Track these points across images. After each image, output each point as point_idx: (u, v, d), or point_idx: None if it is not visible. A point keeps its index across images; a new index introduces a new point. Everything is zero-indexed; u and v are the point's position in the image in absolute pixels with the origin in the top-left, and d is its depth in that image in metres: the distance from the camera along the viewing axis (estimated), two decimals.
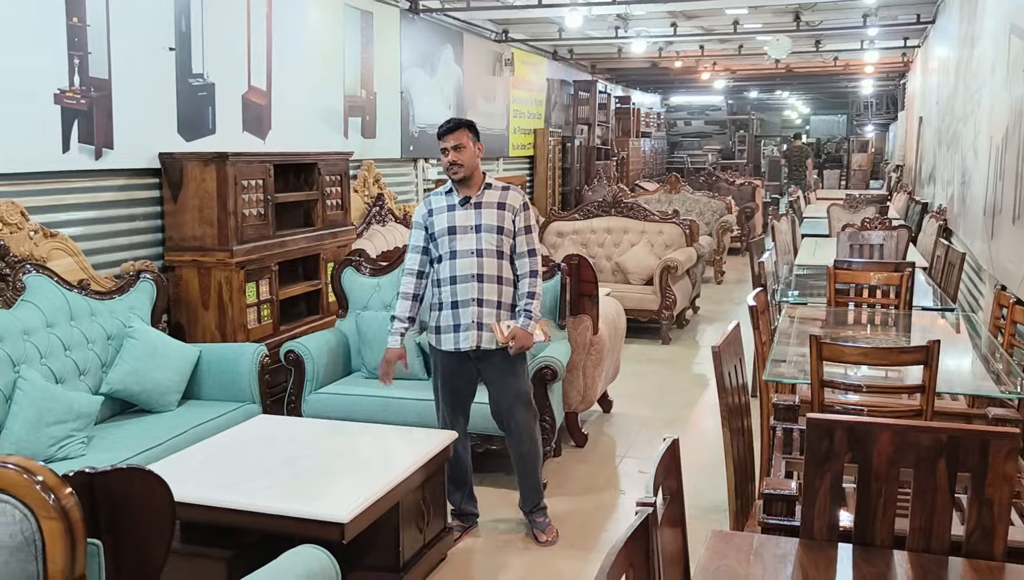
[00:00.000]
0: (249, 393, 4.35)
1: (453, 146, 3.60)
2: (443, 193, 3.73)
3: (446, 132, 3.63)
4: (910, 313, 4.79)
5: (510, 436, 3.81)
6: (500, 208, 3.66)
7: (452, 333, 3.67)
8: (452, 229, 3.64)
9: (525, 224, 3.73)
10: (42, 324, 3.90)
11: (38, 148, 4.25)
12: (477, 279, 3.62)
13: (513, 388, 3.75)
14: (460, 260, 3.63)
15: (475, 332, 3.64)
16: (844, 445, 2.01)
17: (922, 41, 11.29)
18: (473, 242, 3.63)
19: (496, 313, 3.65)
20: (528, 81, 11.86)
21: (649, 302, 7.67)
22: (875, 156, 23.40)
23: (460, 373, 3.77)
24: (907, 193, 11.54)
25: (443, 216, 3.66)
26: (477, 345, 3.65)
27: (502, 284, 3.67)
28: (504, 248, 3.67)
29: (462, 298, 3.63)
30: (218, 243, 4.86)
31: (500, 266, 3.66)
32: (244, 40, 5.74)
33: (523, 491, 3.88)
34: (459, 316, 3.65)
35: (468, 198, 3.65)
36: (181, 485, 3.13)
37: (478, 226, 3.63)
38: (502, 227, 3.65)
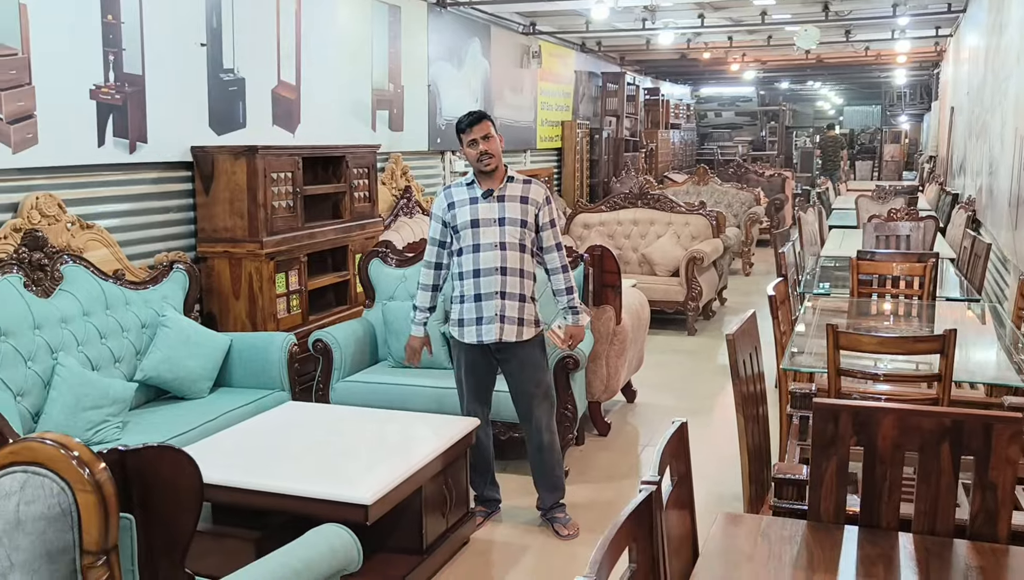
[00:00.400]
0: (279, 381, 4.46)
1: (483, 136, 3.61)
2: (464, 185, 3.74)
3: (471, 123, 3.63)
4: (933, 303, 4.79)
5: (528, 428, 3.85)
6: (523, 201, 3.69)
7: (475, 326, 3.70)
8: (475, 222, 3.66)
9: (549, 218, 3.75)
10: (79, 313, 4.03)
11: (75, 142, 4.38)
12: (500, 272, 3.65)
13: (534, 379, 3.80)
14: (484, 253, 3.65)
15: (498, 325, 3.67)
16: (849, 429, 2.05)
17: (954, 30, 11.17)
18: (496, 235, 3.65)
19: (519, 305, 3.69)
20: (556, 73, 11.89)
21: (675, 293, 7.69)
22: (909, 147, 23.13)
23: (481, 364, 3.82)
24: (938, 184, 11.43)
25: (466, 209, 3.68)
26: (499, 338, 3.69)
27: (524, 277, 3.70)
28: (526, 241, 3.70)
29: (485, 291, 3.67)
30: (248, 234, 4.97)
31: (522, 259, 3.69)
32: (274, 35, 5.85)
33: (540, 489, 3.91)
34: (482, 309, 3.68)
35: (491, 191, 3.67)
36: (211, 468, 3.24)
37: (501, 219, 3.65)
38: (525, 221, 3.68)
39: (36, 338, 3.78)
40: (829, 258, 6.66)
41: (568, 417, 4.40)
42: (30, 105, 4.12)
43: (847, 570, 1.95)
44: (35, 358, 3.74)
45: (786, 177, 14.33)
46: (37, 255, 3.93)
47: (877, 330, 4.30)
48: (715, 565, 1.93)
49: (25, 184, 4.18)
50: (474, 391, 3.87)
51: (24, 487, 1.64)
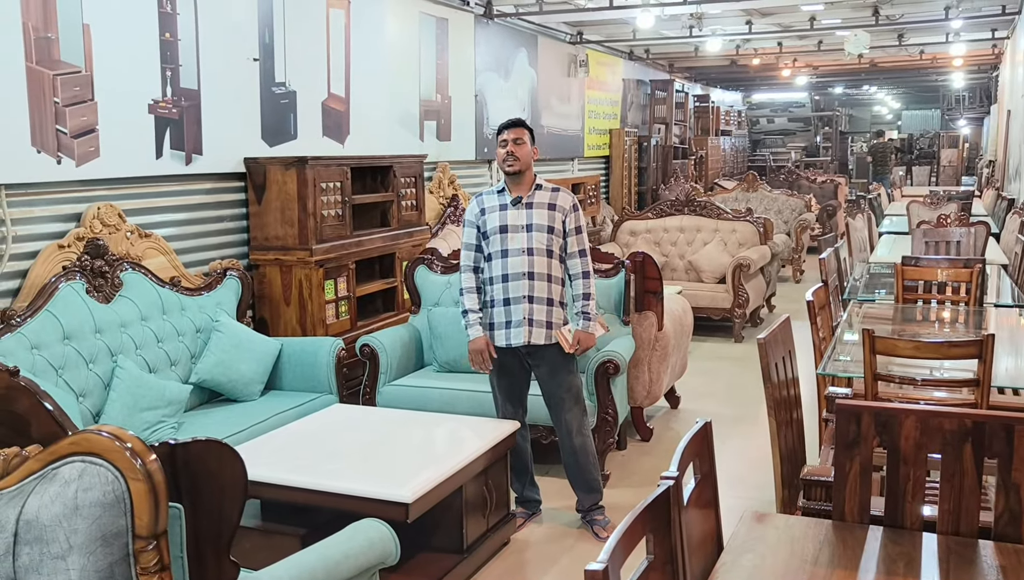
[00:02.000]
0: (327, 384, 4.60)
1: (514, 139, 3.75)
2: (495, 192, 3.87)
3: (507, 126, 3.79)
4: (981, 310, 4.74)
5: (560, 431, 3.93)
6: (551, 209, 3.79)
7: (504, 329, 3.81)
8: (504, 228, 3.78)
9: (576, 225, 3.85)
10: (137, 318, 4.21)
11: (134, 155, 4.58)
12: (528, 277, 3.75)
13: (564, 383, 3.87)
14: (512, 258, 3.77)
15: (527, 328, 3.77)
16: (872, 429, 2.09)
17: (1011, 32, 10.95)
18: (524, 241, 3.76)
19: (547, 309, 3.78)
20: (603, 82, 11.94)
21: (722, 300, 7.69)
22: (970, 151, 22.65)
23: (513, 367, 3.92)
24: (995, 189, 11.21)
25: (495, 215, 3.80)
26: (528, 341, 3.78)
27: (552, 281, 3.80)
28: (554, 247, 3.80)
29: (514, 295, 3.77)
30: (299, 242, 5.12)
31: (550, 265, 3.79)
32: (324, 50, 6.02)
33: (577, 491, 3.98)
34: (511, 313, 3.78)
35: (520, 198, 3.79)
36: (260, 466, 3.38)
37: (529, 225, 3.77)
38: (552, 227, 3.78)
39: (97, 342, 3.96)
40: (879, 264, 6.60)
41: (609, 422, 4.45)
42: (93, 120, 4.31)
43: (869, 568, 1.98)
44: (96, 361, 3.93)
45: (839, 183, 14.17)
46: (98, 262, 4.12)
47: (920, 337, 4.28)
48: (738, 560, 1.98)
49: (87, 195, 4.38)
50: (507, 393, 3.96)
51: (82, 475, 1.76)
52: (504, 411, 3.98)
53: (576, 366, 3.96)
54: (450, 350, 4.87)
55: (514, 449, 3.91)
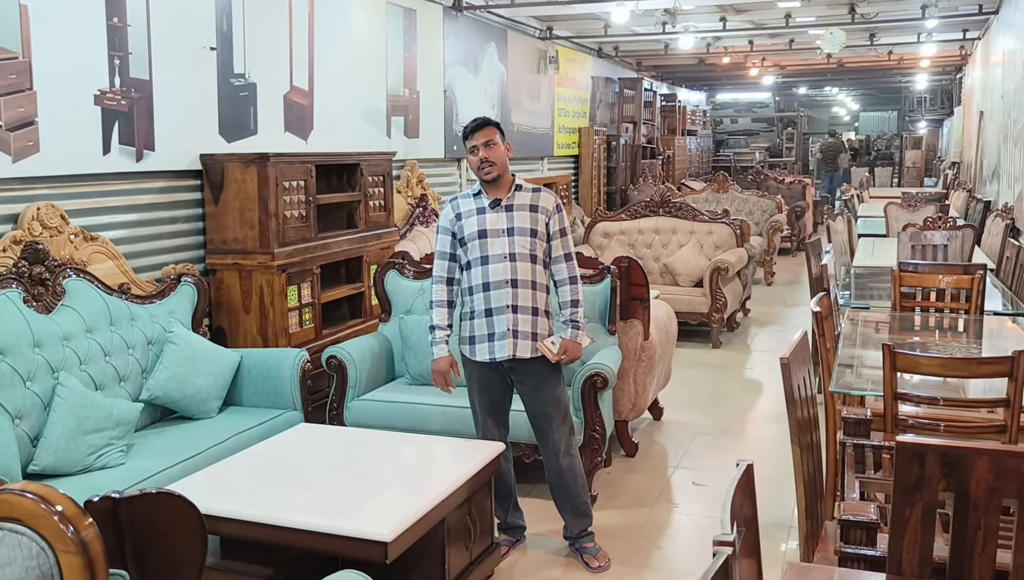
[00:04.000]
0: (291, 400, 4.25)
1: (484, 143, 3.42)
2: (471, 196, 3.55)
3: (474, 129, 3.45)
4: (981, 318, 4.54)
5: (546, 451, 3.62)
6: (533, 210, 3.49)
7: (487, 342, 3.49)
8: (483, 233, 3.46)
9: (560, 227, 3.54)
10: (82, 329, 3.83)
11: (78, 150, 4.18)
12: (511, 285, 3.44)
13: (551, 399, 3.56)
14: (492, 265, 3.45)
15: (511, 341, 3.46)
16: (937, 471, 1.81)
17: (983, 33, 10.88)
18: (505, 246, 3.45)
19: (532, 320, 3.47)
20: (573, 79, 11.67)
21: (699, 304, 7.45)
22: (928, 153, 22.80)
23: (495, 383, 3.60)
24: (966, 191, 11.14)
25: (473, 220, 3.48)
26: (513, 354, 3.47)
27: (536, 289, 3.49)
28: (537, 252, 3.49)
29: (496, 305, 3.46)
30: (259, 245, 4.76)
31: (534, 271, 3.48)
32: (286, 40, 5.65)
33: (566, 516, 3.67)
34: (493, 324, 3.47)
35: (499, 200, 3.47)
36: (219, 499, 3.04)
37: (510, 229, 3.45)
38: (535, 230, 3.48)
39: (36, 357, 3.57)
40: (861, 269, 6.41)
41: (596, 439, 4.16)
42: (31, 111, 3.92)
43: None
44: (35, 378, 3.54)
45: (806, 184, 14.07)
46: (38, 269, 3.73)
47: (925, 347, 4.06)
48: None
49: (26, 194, 3.98)
50: (488, 411, 3.64)
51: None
52: (485, 430, 3.67)
53: (564, 380, 3.65)
54: (423, 361, 4.54)
55: (496, 472, 3.60)
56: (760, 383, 6.49)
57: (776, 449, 4.98)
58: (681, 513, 4.19)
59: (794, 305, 9.37)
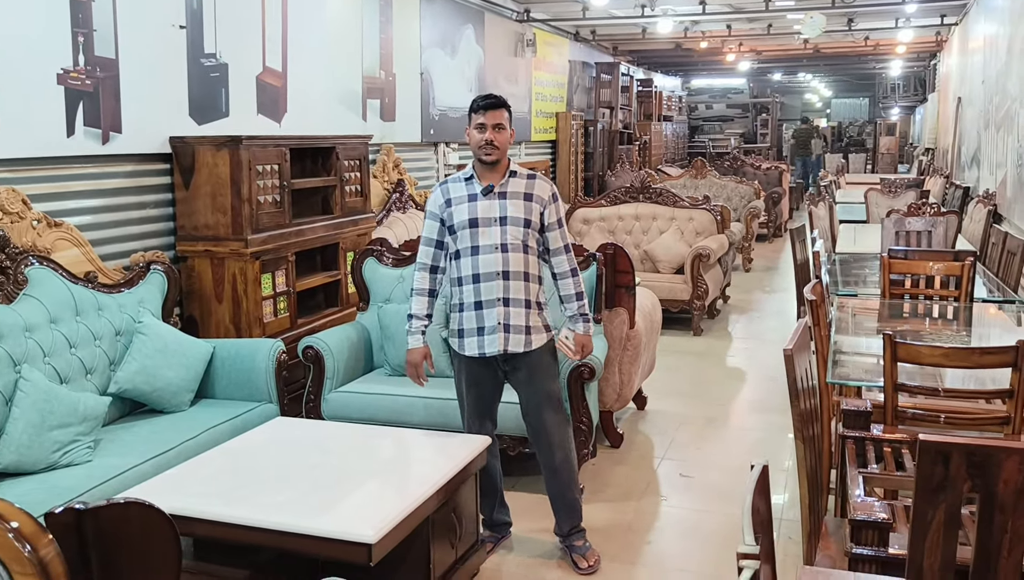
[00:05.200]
0: (266, 392, 4.09)
1: (495, 124, 3.25)
2: (462, 180, 3.37)
3: (489, 107, 3.26)
4: (971, 305, 4.47)
5: (539, 444, 3.48)
6: (527, 199, 3.31)
7: (476, 337, 3.33)
8: (474, 221, 3.29)
9: (557, 217, 3.38)
10: (45, 320, 3.64)
11: (40, 132, 3.98)
12: (503, 277, 3.28)
13: (544, 390, 3.42)
14: (483, 256, 3.29)
15: (501, 334, 3.30)
16: (962, 472, 1.71)
17: (960, 18, 10.87)
18: (497, 236, 3.28)
19: (524, 313, 3.32)
20: (550, 63, 11.52)
21: (680, 292, 7.36)
22: (900, 139, 22.91)
23: (485, 377, 3.45)
24: (943, 177, 11.15)
25: (463, 207, 3.31)
26: (504, 349, 3.32)
27: (529, 280, 3.33)
28: (531, 242, 3.33)
29: (486, 298, 3.30)
30: (232, 232, 4.59)
31: (527, 262, 3.32)
32: (259, 18, 5.45)
33: (557, 512, 3.53)
34: (483, 317, 3.31)
35: (491, 187, 3.30)
36: (192, 498, 2.89)
37: (503, 218, 3.28)
38: (529, 220, 3.30)
39: None
40: (845, 255, 6.34)
41: (583, 430, 4.05)
42: None
43: None
44: None
45: (783, 170, 14.03)
46: None
47: (918, 335, 3.98)
48: None
49: None
50: (476, 406, 3.49)
51: None
52: (471, 425, 3.53)
53: (558, 371, 3.52)
54: (402, 351, 4.36)
55: (482, 467, 3.48)
56: (742, 371, 6.42)
57: (762, 438, 4.91)
58: (669, 506, 4.10)
59: (773, 291, 9.32)
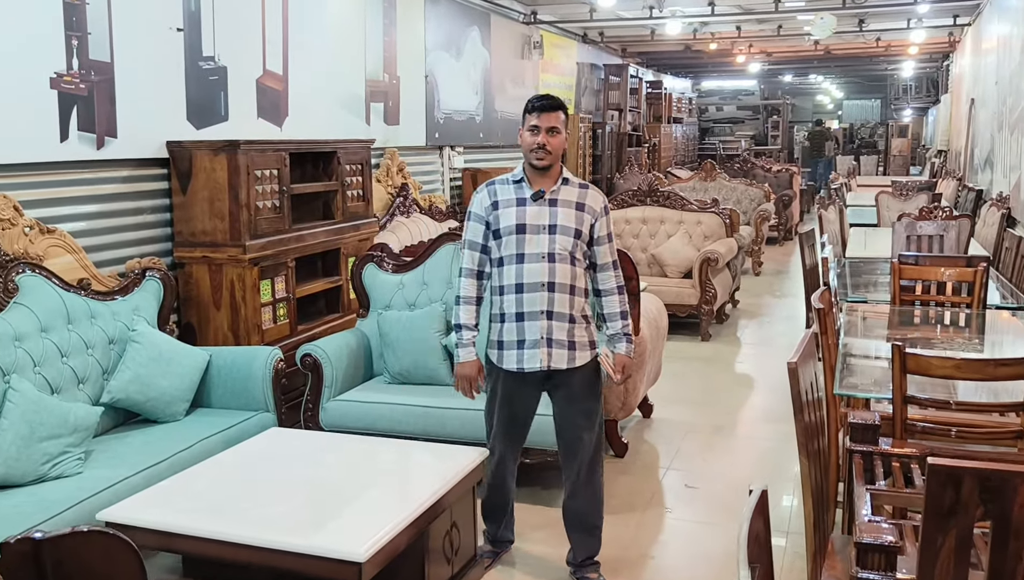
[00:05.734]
0: (263, 401, 4.02)
1: (549, 128, 3.09)
2: (510, 182, 3.18)
3: (543, 108, 3.10)
4: (983, 312, 4.36)
5: (568, 463, 3.28)
6: (579, 209, 3.13)
7: (515, 350, 3.14)
8: (521, 227, 3.10)
9: (608, 231, 3.20)
10: (36, 329, 3.58)
11: (33, 137, 3.92)
12: (548, 288, 3.09)
13: (583, 410, 3.23)
14: (529, 265, 3.10)
15: (544, 350, 3.11)
16: (974, 496, 1.61)
17: (974, 18, 10.72)
18: (545, 244, 3.09)
19: (568, 327, 3.13)
20: (558, 65, 11.44)
21: (688, 296, 7.26)
22: (913, 141, 22.72)
23: (521, 396, 3.25)
24: (956, 179, 11.00)
25: (511, 211, 3.12)
26: (547, 365, 3.12)
27: (575, 294, 3.14)
28: (579, 254, 3.14)
29: (529, 310, 3.11)
30: (230, 238, 4.52)
31: (574, 273, 3.13)
32: (259, 21, 5.39)
33: (575, 537, 3.32)
34: (524, 330, 3.11)
35: (542, 192, 3.11)
36: (181, 513, 2.82)
37: (552, 227, 3.09)
38: (580, 230, 3.12)
39: None
40: (855, 260, 6.23)
41: None
42: None
43: None
44: None
45: (793, 172, 13.90)
46: None
47: (929, 343, 3.88)
48: None
49: None
50: (505, 426, 3.28)
51: None
52: (494, 442, 3.31)
53: (601, 391, 3.30)
54: (402, 358, 4.33)
55: (499, 487, 3.33)
56: (751, 378, 6.32)
57: (770, 448, 4.80)
58: (673, 518, 4.00)
59: (783, 296, 9.21)
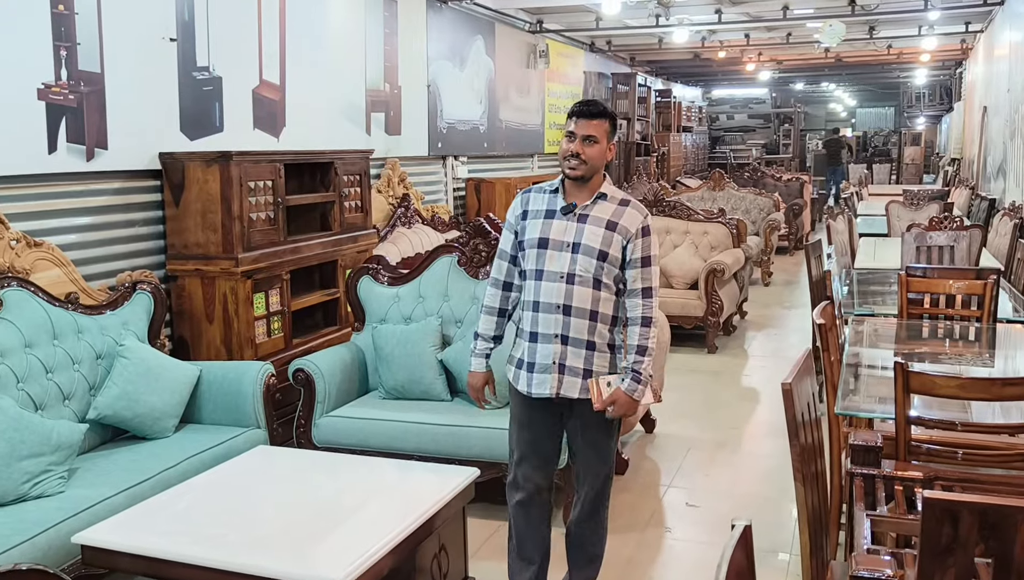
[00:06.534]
0: (253, 417, 3.94)
1: (586, 136, 2.81)
2: (547, 192, 2.95)
3: (581, 114, 2.84)
4: (994, 326, 4.24)
5: (578, 494, 3.07)
6: (610, 228, 2.84)
7: (525, 372, 2.92)
8: (544, 242, 2.87)
9: (643, 254, 2.87)
10: (19, 344, 3.51)
11: (19, 149, 3.87)
12: (563, 311, 2.84)
13: (594, 443, 2.98)
14: (546, 283, 2.86)
15: (555, 375, 2.87)
16: (974, 533, 1.51)
17: (986, 25, 10.59)
18: (565, 264, 2.84)
19: (585, 354, 2.87)
20: (564, 74, 11.37)
21: (694, 308, 7.15)
22: (926, 148, 22.53)
23: (536, 422, 3.00)
24: (969, 188, 10.85)
25: (537, 223, 2.90)
26: (557, 392, 2.88)
27: (597, 320, 2.86)
28: (604, 277, 2.85)
29: (543, 331, 2.87)
30: (222, 250, 4.45)
31: (596, 298, 2.86)
32: (255, 30, 5.33)
33: (572, 564, 3.14)
34: (535, 352, 2.89)
35: (573, 206, 2.86)
36: (159, 536, 2.73)
37: (575, 245, 2.84)
38: (606, 253, 2.83)
39: None
40: (863, 271, 6.10)
41: None
42: None
43: None
44: None
45: (804, 181, 13.76)
46: None
47: (936, 357, 3.76)
48: None
49: None
50: (524, 451, 3.02)
51: None
52: (516, 470, 3.03)
53: (617, 428, 3.06)
54: (397, 373, 4.24)
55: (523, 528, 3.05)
56: (758, 392, 6.20)
57: (775, 466, 4.68)
58: (673, 538, 3.89)
59: (792, 307, 9.07)
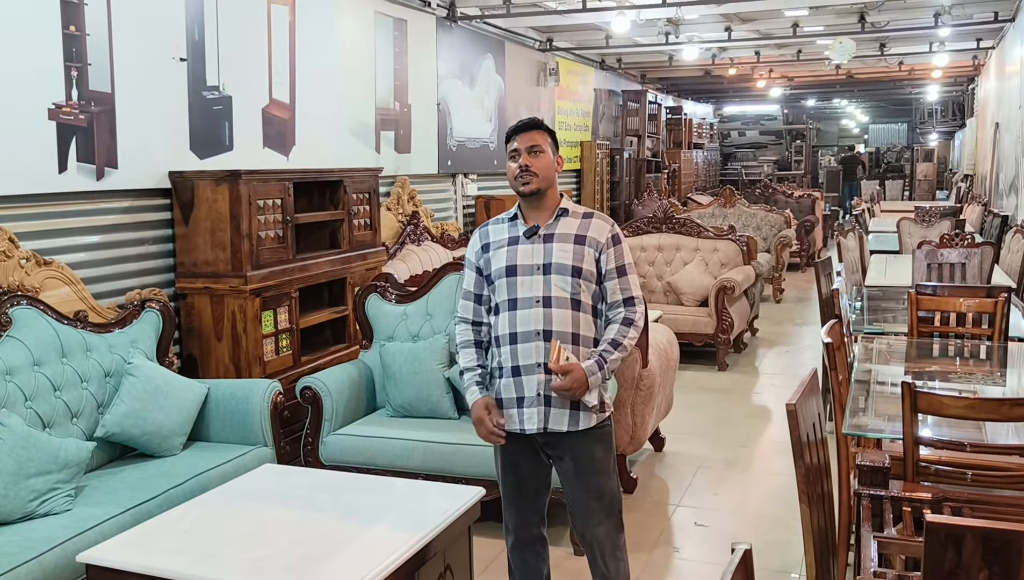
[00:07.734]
0: (261, 435, 3.94)
1: (528, 147, 2.74)
2: (504, 221, 2.86)
3: (517, 131, 2.79)
4: (1005, 345, 4.20)
5: (589, 549, 2.92)
6: (579, 242, 2.75)
7: (515, 409, 2.77)
8: (512, 269, 2.76)
9: (617, 264, 2.78)
10: (28, 362, 3.53)
11: (30, 168, 3.90)
12: (544, 337, 2.72)
13: (594, 488, 2.82)
14: (522, 311, 2.74)
15: (539, 408, 2.74)
16: (978, 559, 1.49)
17: (997, 42, 10.57)
18: (539, 287, 2.73)
19: None
20: (574, 91, 11.40)
21: (704, 325, 7.13)
22: (939, 165, 22.45)
23: (525, 461, 2.88)
24: (981, 205, 10.80)
25: (502, 252, 2.79)
26: (544, 426, 2.75)
27: (580, 344, 2.74)
28: (582, 296, 2.74)
29: (524, 362, 2.74)
30: (231, 268, 4.47)
31: (576, 320, 2.74)
32: (264, 50, 5.37)
33: None
34: (522, 386, 2.75)
35: (536, 228, 2.77)
36: (163, 555, 2.72)
37: (547, 266, 2.73)
38: (580, 268, 2.73)
39: None
40: (874, 289, 6.08)
41: None
42: None
43: None
44: None
45: (816, 198, 13.73)
46: None
47: (946, 376, 3.73)
48: None
49: None
50: (514, 496, 2.93)
51: None
52: (509, 520, 2.95)
53: (614, 466, 2.89)
54: (404, 391, 4.24)
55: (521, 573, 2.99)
56: (768, 409, 6.16)
57: (785, 484, 4.64)
58: (681, 558, 3.86)
59: (804, 324, 9.03)
